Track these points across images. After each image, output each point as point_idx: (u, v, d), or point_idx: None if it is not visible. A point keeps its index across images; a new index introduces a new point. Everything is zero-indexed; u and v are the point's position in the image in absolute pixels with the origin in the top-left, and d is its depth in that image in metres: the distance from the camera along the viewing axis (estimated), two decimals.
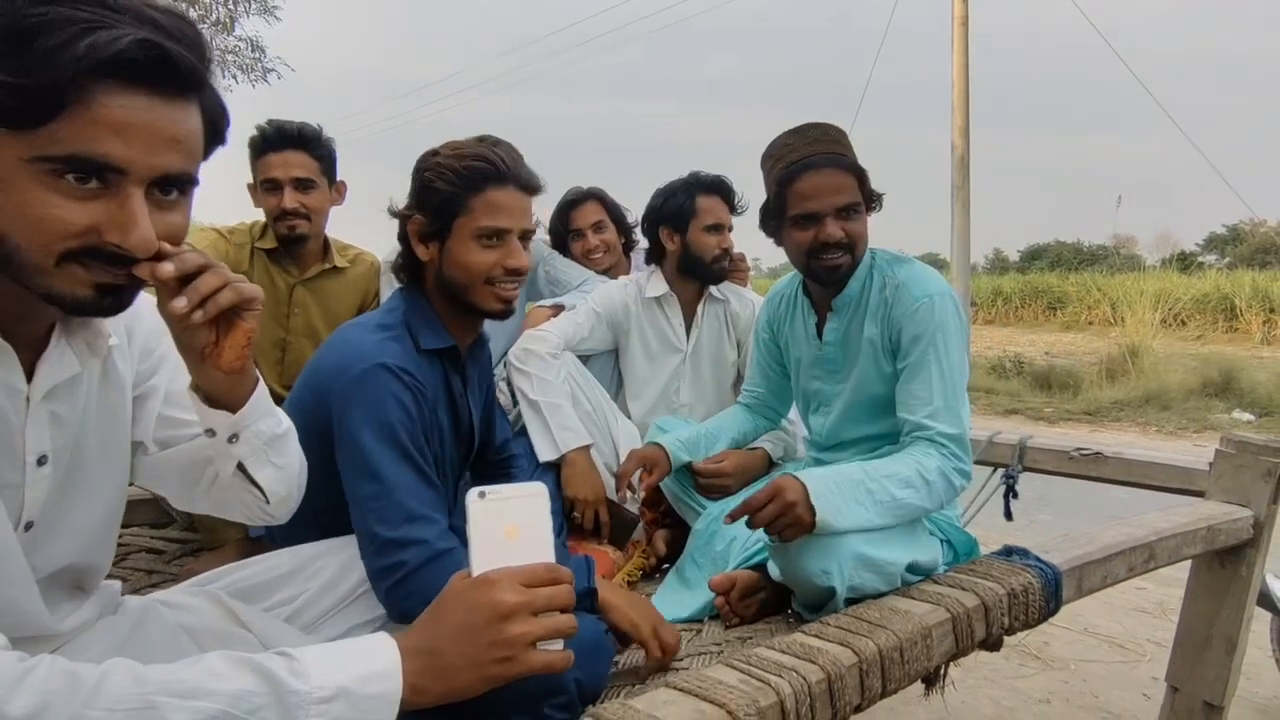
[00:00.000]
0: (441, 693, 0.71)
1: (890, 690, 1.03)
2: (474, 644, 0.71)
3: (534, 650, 0.72)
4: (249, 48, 11.44)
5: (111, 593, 0.94)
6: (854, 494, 1.25)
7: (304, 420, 1.20)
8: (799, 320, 1.69)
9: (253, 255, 2.04)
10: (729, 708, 0.83)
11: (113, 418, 0.86)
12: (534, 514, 0.77)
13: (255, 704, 0.62)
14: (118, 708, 0.59)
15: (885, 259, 1.56)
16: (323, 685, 0.65)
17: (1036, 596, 1.24)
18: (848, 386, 1.59)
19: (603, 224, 2.40)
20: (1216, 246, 25.19)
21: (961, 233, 10.09)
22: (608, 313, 2.08)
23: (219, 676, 0.63)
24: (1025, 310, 18.58)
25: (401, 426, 1.13)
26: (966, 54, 9.96)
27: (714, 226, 2.01)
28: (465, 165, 1.22)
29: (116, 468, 0.88)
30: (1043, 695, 2.53)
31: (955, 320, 1.45)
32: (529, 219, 1.26)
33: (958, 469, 1.37)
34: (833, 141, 1.50)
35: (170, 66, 0.67)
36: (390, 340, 1.20)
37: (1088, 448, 2.09)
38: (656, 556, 1.82)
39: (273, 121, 1.98)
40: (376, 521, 1.09)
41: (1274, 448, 1.70)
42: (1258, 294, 13.81)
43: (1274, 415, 7.42)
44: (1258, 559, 1.72)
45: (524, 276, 1.27)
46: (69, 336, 0.77)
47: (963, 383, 1.44)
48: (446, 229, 1.24)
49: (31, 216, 0.65)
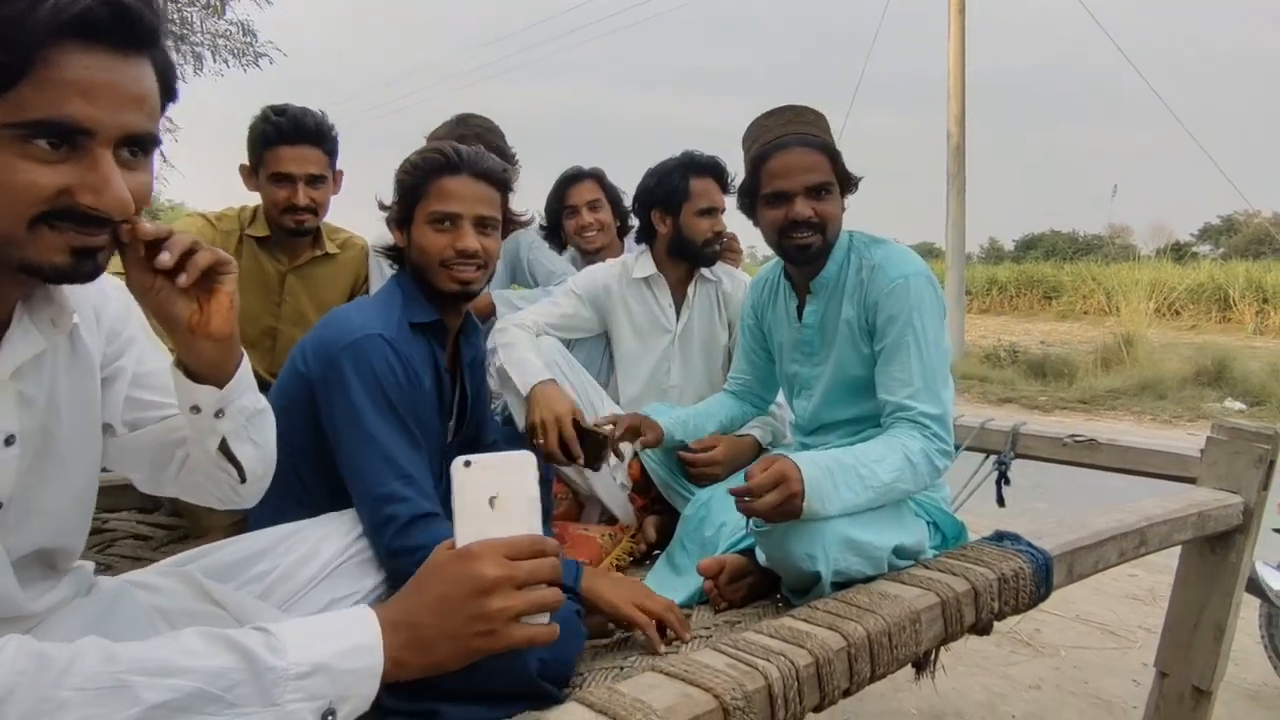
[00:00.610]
0: (422, 666, 0.70)
1: (879, 675, 1.02)
2: (455, 618, 0.70)
3: (516, 624, 0.72)
4: (240, 32, 11.30)
5: (85, 574, 0.93)
6: (844, 479, 1.24)
7: (292, 393, 1.26)
8: (780, 303, 1.70)
9: (241, 242, 2.01)
10: (715, 692, 0.83)
11: (83, 398, 0.84)
12: (520, 484, 0.75)
13: (232, 680, 0.61)
14: (88, 687, 0.58)
15: (862, 240, 1.57)
16: (300, 661, 0.64)
17: (1027, 581, 1.23)
18: (827, 369, 1.59)
19: (598, 203, 2.42)
20: (1211, 237, 25.26)
21: (957, 221, 10.09)
22: (588, 294, 2.05)
23: (194, 654, 0.62)
24: (1020, 299, 18.64)
25: (391, 388, 1.21)
26: (963, 42, 9.91)
27: (707, 210, 1.99)
28: (423, 158, 1.34)
29: (88, 448, 0.86)
30: (1033, 681, 2.54)
31: (932, 299, 1.45)
32: (484, 205, 1.34)
33: (940, 449, 1.37)
34: (806, 123, 1.51)
35: (129, 23, 0.66)
36: (383, 315, 1.29)
37: (1081, 434, 2.08)
38: (646, 542, 1.81)
39: (287, 112, 1.90)
40: (370, 478, 1.16)
41: (1265, 434, 1.70)
42: (1251, 284, 13.87)
43: (1266, 404, 7.45)
44: (1247, 545, 1.72)
45: (479, 260, 1.33)
46: (32, 314, 0.76)
47: (942, 362, 1.44)
48: (410, 216, 1.35)
49: (2, 184, 0.64)
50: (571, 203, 2.41)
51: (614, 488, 1.85)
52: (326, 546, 1.13)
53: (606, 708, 0.78)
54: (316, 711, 0.64)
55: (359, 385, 1.20)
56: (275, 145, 1.90)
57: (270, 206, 1.96)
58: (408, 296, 1.35)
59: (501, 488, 0.74)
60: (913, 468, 1.32)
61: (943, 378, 1.44)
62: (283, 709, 0.62)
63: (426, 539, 1.09)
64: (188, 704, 0.60)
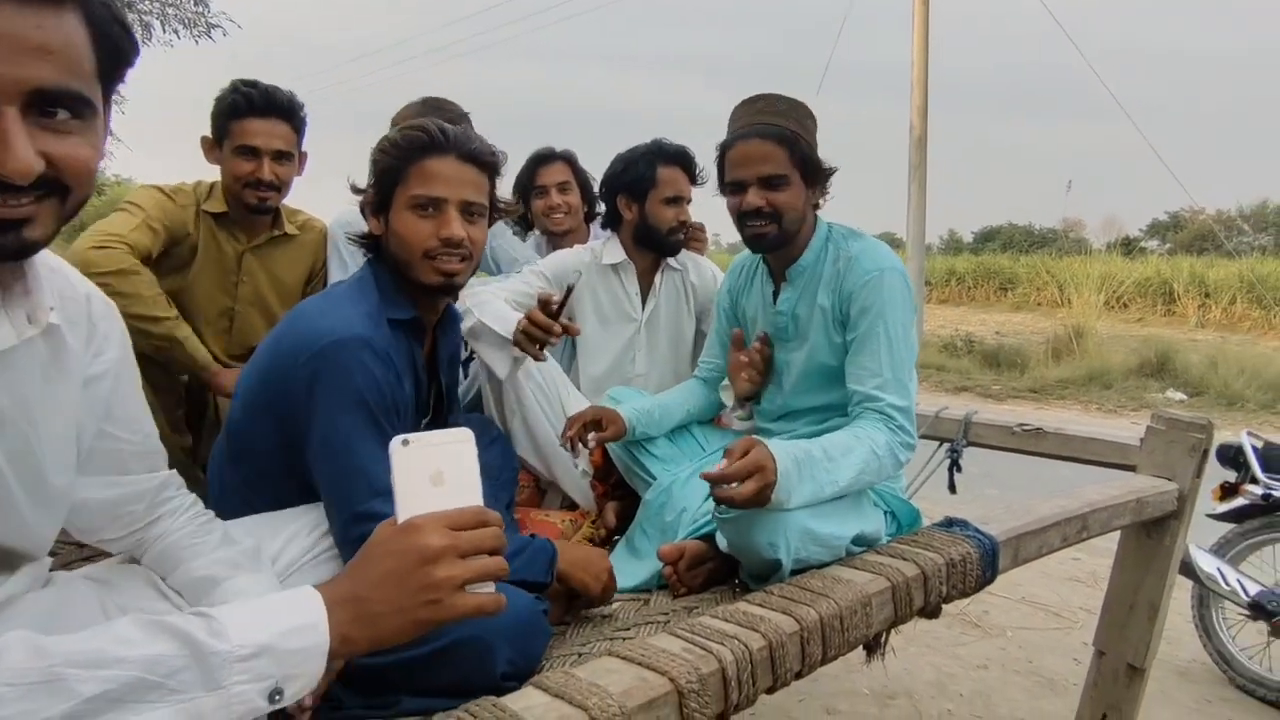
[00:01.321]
0: (370, 639, 0.70)
1: (831, 657, 1.05)
2: (400, 589, 0.70)
3: (462, 593, 0.71)
4: (191, 1, 10.89)
5: (41, 567, 0.90)
6: (811, 473, 1.25)
7: (261, 399, 1.18)
8: (758, 289, 1.72)
9: (198, 218, 1.95)
10: (671, 675, 0.84)
11: (60, 402, 0.81)
12: (460, 459, 0.75)
13: (172, 667, 0.60)
14: (18, 682, 0.56)
15: (841, 233, 1.59)
16: (244, 643, 0.63)
17: (974, 566, 1.28)
18: (800, 355, 1.62)
19: (568, 185, 2.41)
20: (1158, 232, 26.07)
21: (918, 212, 10.24)
22: (556, 275, 2.04)
23: (129, 643, 0.60)
24: (978, 290, 19.02)
25: (371, 397, 1.11)
26: (927, 34, 10.02)
27: (673, 199, 1.99)
28: (404, 136, 1.21)
29: (63, 453, 0.83)
30: (981, 661, 2.63)
31: (904, 295, 1.48)
32: (471, 190, 1.23)
33: (903, 443, 1.41)
34: (776, 113, 1.52)
35: None
36: (356, 312, 1.18)
37: (1029, 424, 2.15)
38: (606, 527, 1.83)
39: (258, 85, 1.85)
40: (345, 494, 1.09)
41: (1199, 424, 1.77)
42: (1194, 279, 14.36)
43: (1204, 394, 7.77)
44: (1181, 530, 1.80)
45: (465, 250, 1.24)
46: (8, 307, 0.72)
47: (910, 357, 1.47)
48: (388, 201, 1.23)
49: None
50: (541, 183, 2.40)
51: (575, 475, 1.85)
52: (292, 547, 1.11)
53: (563, 692, 0.79)
54: (263, 692, 0.63)
55: (336, 394, 1.09)
56: (244, 116, 1.84)
57: (232, 181, 1.90)
58: (384, 290, 1.24)
59: (442, 464, 0.74)
60: (877, 460, 1.35)
61: (909, 371, 1.47)
62: (228, 691, 0.61)
63: None
64: (125, 693, 0.58)
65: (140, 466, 0.97)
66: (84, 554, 1.47)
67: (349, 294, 1.24)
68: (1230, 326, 12.85)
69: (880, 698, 2.37)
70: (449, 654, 0.94)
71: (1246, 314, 12.97)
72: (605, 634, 1.24)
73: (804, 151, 1.52)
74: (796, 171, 1.52)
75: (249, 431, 1.21)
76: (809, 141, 1.53)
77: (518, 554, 1.17)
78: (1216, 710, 2.42)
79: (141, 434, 0.96)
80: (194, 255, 1.93)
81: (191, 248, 1.93)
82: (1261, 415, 7.06)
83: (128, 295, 1.68)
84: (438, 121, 1.23)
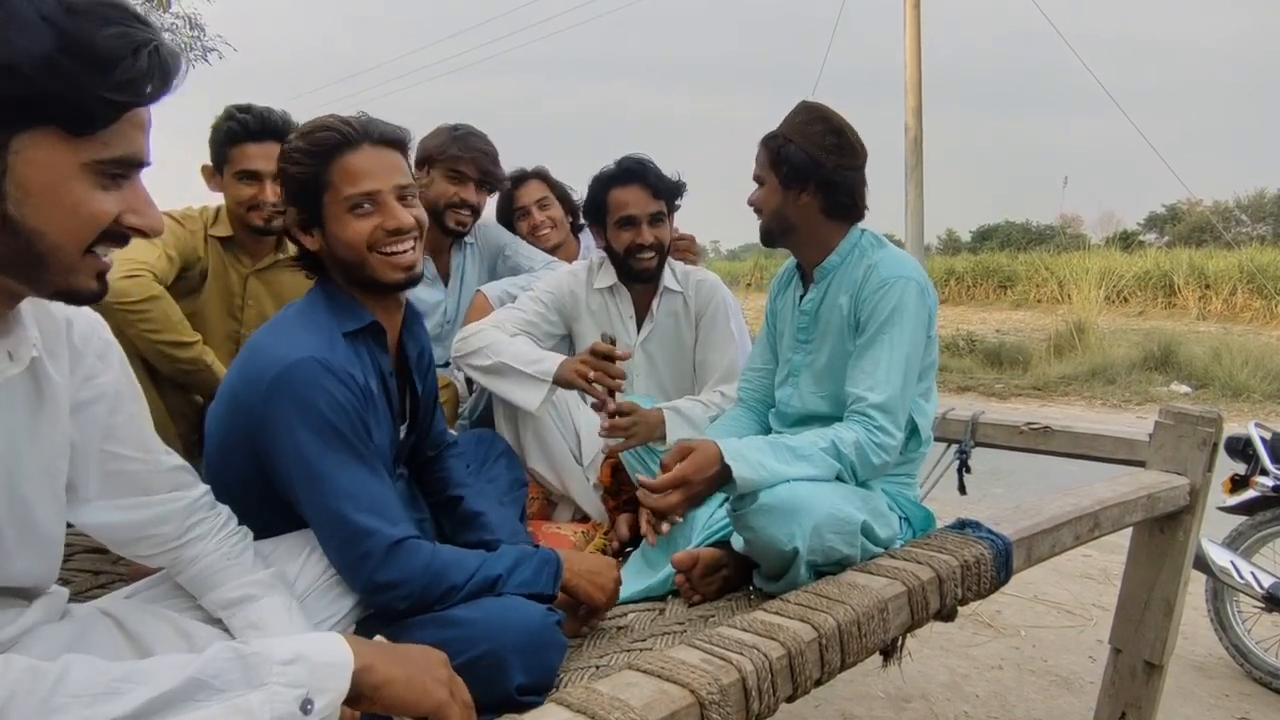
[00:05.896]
0: (386, 676, 0.76)
1: (849, 663, 1.05)
2: (416, 663, 0.80)
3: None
4: (187, 25, 10.95)
5: (58, 598, 0.91)
6: (757, 445, 1.33)
7: (230, 432, 1.16)
8: (790, 290, 1.74)
9: (206, 243, 1.96)
10: (692, 687, 0.84)
11: (46, 435, 0.82)
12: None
13: (219, 668, 0.66)
14: (83, 694, 0.62)
15: (870, 240, 1.61)
16: (280, 649, 0.70)
17: (988, 567, 1.28)
18: (816, 358, 1.62)
19: (547, 200, 2.45)
20: (1156, 225, 26.06)
21: (915, 213, 10.27)
22: (555, 300, 2.02)
23: (175, 665, 0.67)
24: (977, 289, 19.01)
25: (335, 415, 1.08)
26: (919, 36, 10.08)
27: (624, 220, 1.92)
28: (312, 140, 1.17)
29: (51, 486, 0.85)
30: (995, 662, 2.62)
31: (916, 306, 1.48)
32: (399, 174, 1.20)
33: (878, 442, 1.40)
34: (785, 121, 1.59)
35: None
36: (307, 333, 1.14)
37: (1036, 422, 2.15)
38: (619, 540, 1.82)
39: (252, 110, 1.87)
40: (333, 519, 1.08)
41: (1209, 418, 1.77)
42: (1194, 271, 14.34)
43: (1209, 386, 7.75)
44: (1194, 524, 1.79)
45: (413, 233, 1.20)
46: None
47: (912, 364, 1.47)
48: (318, 211, 1.18)
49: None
50: (521, 204, 2.43)
51: (586, 487, 1.85)
52: (299, 579, 1.10)
53: (585, 707, 0.79)
54: (297, 699, 0.68)
55: (298, 421, 1.06)
56: (241, 142, 1.87)
57: (235, 205, 1.92)
58: (333, 304, 1.20)
59: None
60: (837, 454, 1.36)
61: (912, 379, 1.47)
62: (269, 689, 0.67)
63: (405, 571, 1.06)
64: (177, 696, 0.64)
65: (163, 486, 0.98)
66: (99, 582, 1.47)
67: (297, 317, 1.20)
68: (1232, 317, 12.84)
69: (896, 701, 2.36)
70: (462, 673, 0.94)
71: (1248, 304, 12.95)
72: (622, 645, 1.24)
73: (787, 154, 1.53)
74: (773, 174, 1.56)
75: (224, 466, 1.18)
76: (799, 144, 1.53)
77: (520, 564, 1.16)
78: (1235, 704, 2.41)
79: (152, 453, 0.97)
80: (204, 280, 1.95)
81: (202, 273, 1.94)
82: (1268, 405, 7.05)
83: (157, 321, 1.70)
84: (338, 115, 1.19)
